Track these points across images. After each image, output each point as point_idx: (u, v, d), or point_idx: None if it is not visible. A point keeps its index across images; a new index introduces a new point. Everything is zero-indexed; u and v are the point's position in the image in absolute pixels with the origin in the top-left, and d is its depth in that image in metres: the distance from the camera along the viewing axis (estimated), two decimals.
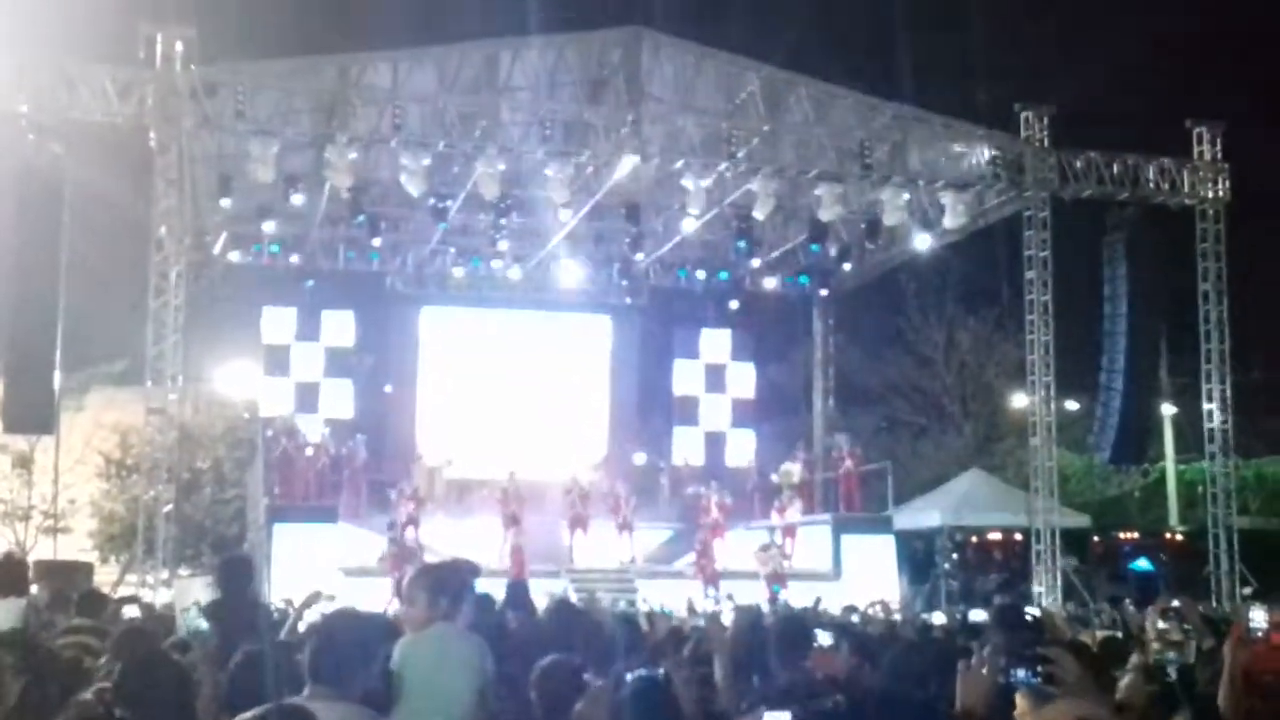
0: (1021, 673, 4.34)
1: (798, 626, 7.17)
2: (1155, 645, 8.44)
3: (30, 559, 25.95)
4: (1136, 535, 33.00)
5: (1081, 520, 29.08)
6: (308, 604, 8.77)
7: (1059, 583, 25.20)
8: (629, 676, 5.40)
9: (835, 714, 5.71)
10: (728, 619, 10.54)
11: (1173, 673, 8.95)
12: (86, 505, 29.79)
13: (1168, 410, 33.98)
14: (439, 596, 6.31)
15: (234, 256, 28.82)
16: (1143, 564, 31.09)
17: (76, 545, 29.19)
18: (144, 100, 21.64)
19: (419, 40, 24.82)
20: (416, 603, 6.35)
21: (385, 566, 23.14)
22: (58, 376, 21.38)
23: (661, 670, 5.66)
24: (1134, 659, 7.82)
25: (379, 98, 23.20)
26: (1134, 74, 40.88)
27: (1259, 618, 10.91)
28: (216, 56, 22.57)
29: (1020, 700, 4.31)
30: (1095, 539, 31.54)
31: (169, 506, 22.34)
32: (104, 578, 25.55)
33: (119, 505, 28.55)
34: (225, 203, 24.54)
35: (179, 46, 21.71)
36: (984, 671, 4.54)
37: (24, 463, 29.27)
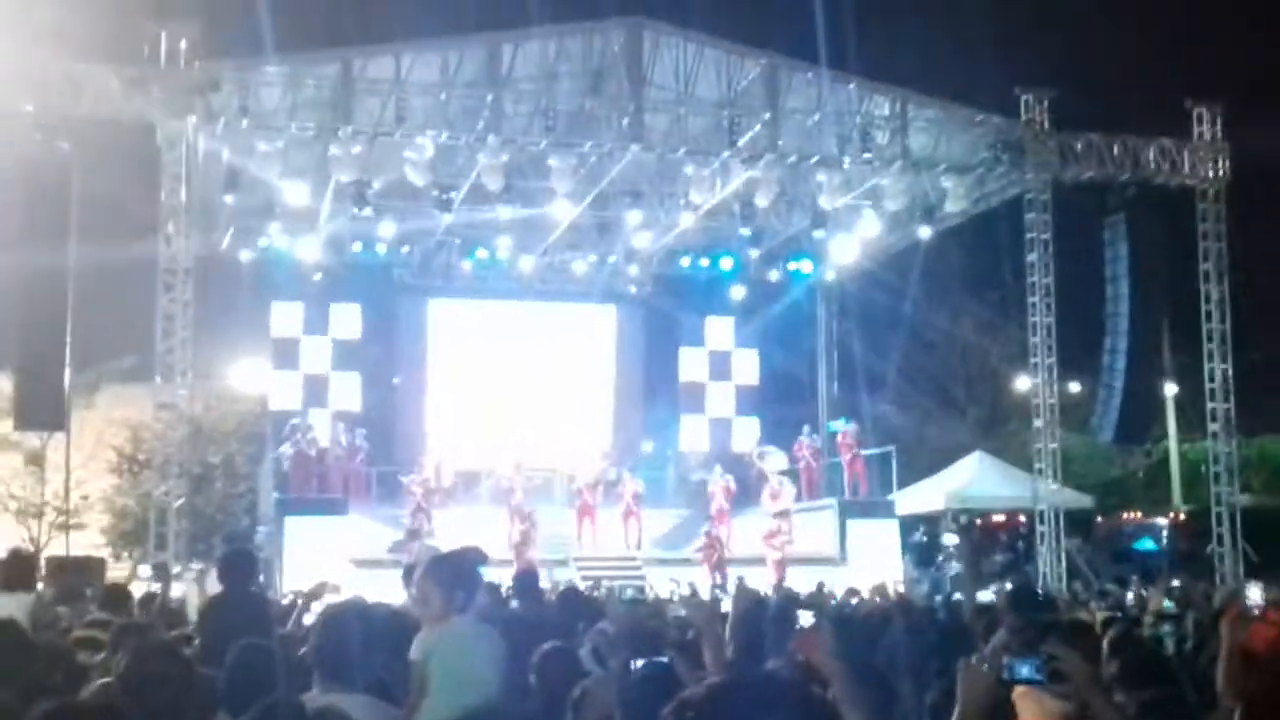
0: (1025, 670, 4.28)
1: (782, 610, 7.33)
2: (1149, 619, 8.62)
3: (44, 555, 26.30)
4: (1140, 515, 33.19)
5: (1085, 501, 29.24)
6: (313, 596, 8.92)
7: (1063, 564, 25.37)
8: (636, 664, 5.51)
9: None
10: (728, 605, 10.71)
11: (1170, 644, 9.16)
12: (99, 501, 30.07)
13: (1170, 390, 34.08)
14: (455, 589, 6.35)
15: (242, 252, 28.99)
16: (1146, 544, 31.28)
17: (90, 541, 29.48)
18: (149, 97, 21.78)
19: (421, 32, 24.83)
20: (432, 597, 6.37)
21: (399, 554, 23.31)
22: (68, 374, 21.55)
23: (667, 658, 5.78)
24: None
25: (382, 90, 23.35)
26: (1133, 55, 40.91)
27: (1255, 595, 11.12)
28: (220, 53, 22.71)
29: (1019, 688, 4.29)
30: (1099, 519, 31.72)
31: (180, 501, 22.53)
32: (117, 573, 25.81)
33: (131, 501, 28.82)
34: (229, 199, 24.72)
35: (183, 43, 21.86)
36: (985, 669, 4.55)
37: (36, 460, 29.58)
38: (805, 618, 6.90)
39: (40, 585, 16.52)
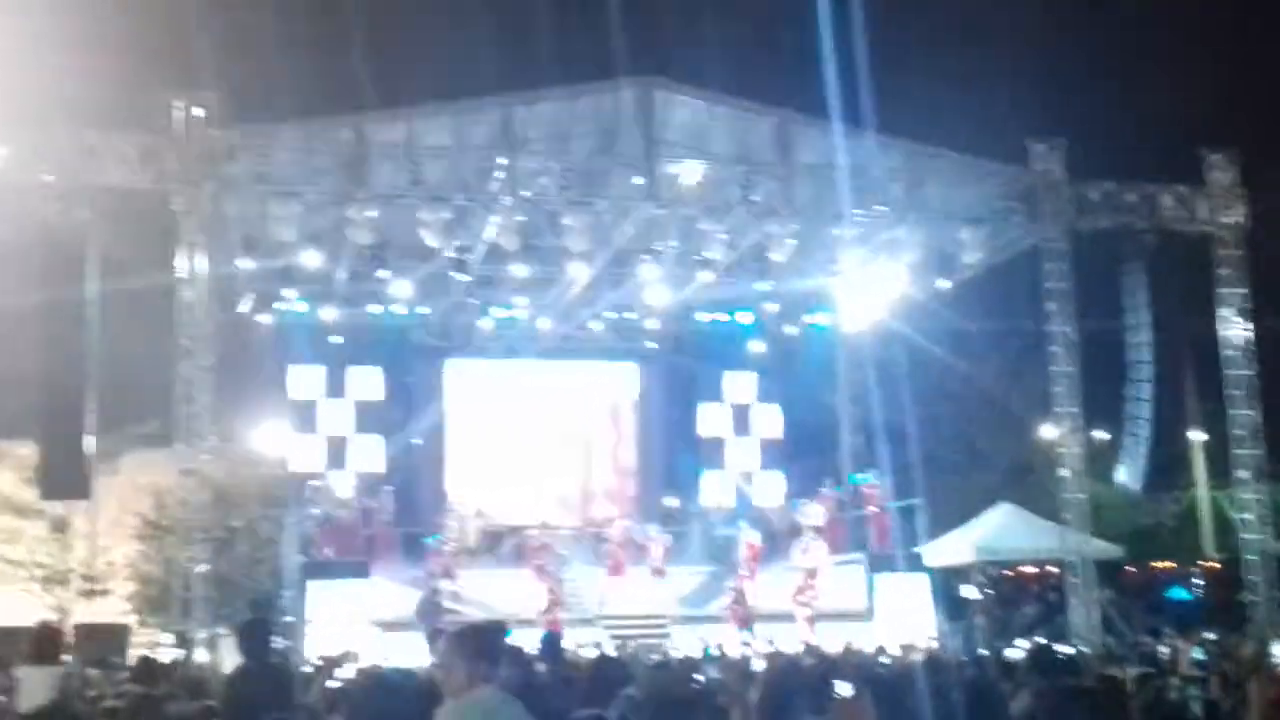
0: None
1: (817, 680, 7.20)
2: (1175, 681, 8.47)
3: (69, 622, 26.24)
4: (1172, 564, 32.80)
5: (1115, 551, 28.90)
6: (334, 665, 8.85)
7: (1096, 616, 25.01)
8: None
9: None
10: (758, 664, 10.55)
11: (1197, 708, 8.97)
12: (124, 568, 30.02)
13: (1197, 437, 33.76)
14: (478, 660, 6.35)
15: (261, 316, 29.09)
16: (1180, 593, 30.88)
17: (114, 608, 29.42)
18: (165, 165, 21.94)
19: (433, 95, 25.01)
20: (456, 669, 6.36)
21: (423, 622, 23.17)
22: (91, 441, 21.58)
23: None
24: None
25: (396, 154, 23.47)
26: (1147, 102, 40.94)
27: None
28: (235, 120, 22.88)
29: None
30: (1130, 569, 31.34)
31: (204, 566, 22.46)
32: (142, 639, 25.74)
33: (155, 566, 28.74)
34: (247, 263, 24.81)
35: (198, 111, 22.05)
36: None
37: (61, 527, 29.62)
38: (843, 687, 6.80)
39: (69, 655, 16.51)
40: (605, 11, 22.21)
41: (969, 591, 27.97)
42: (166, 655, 19.92)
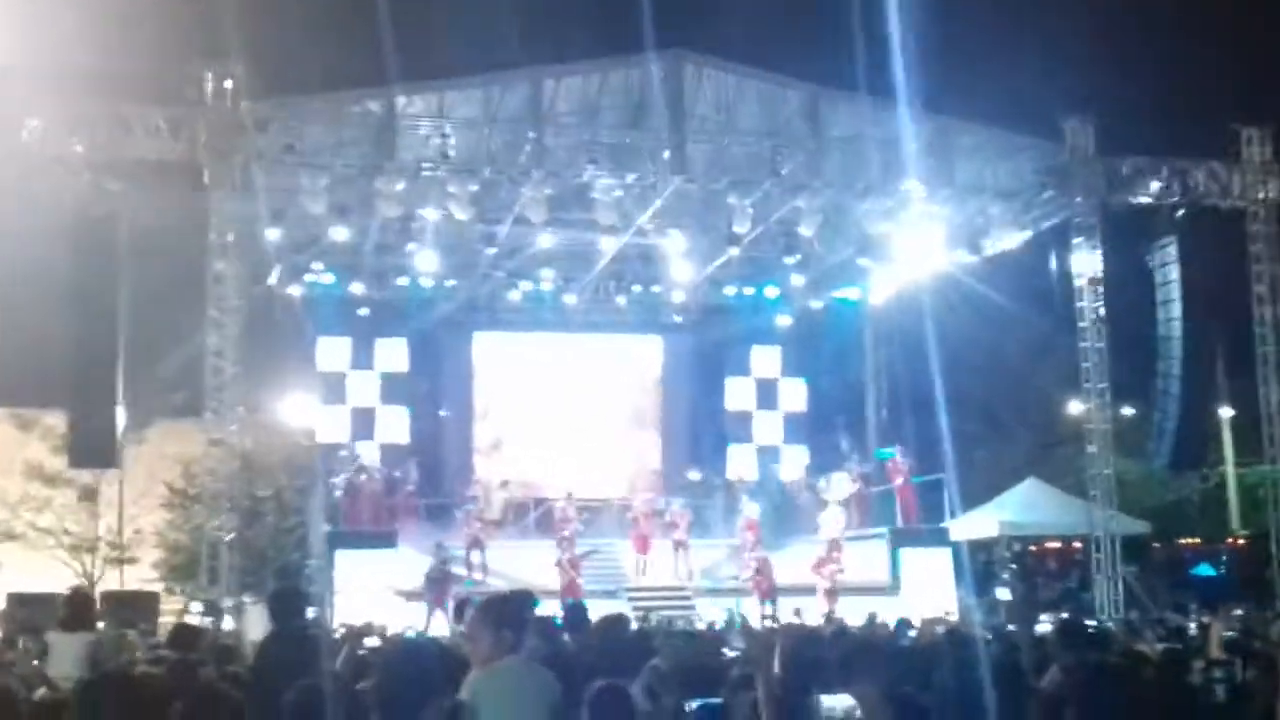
0: None
1: (857, 650, 7.15)
2: (1199, 664, 8.46)
3: (97, 590, 26.49)
4: (1198, 541, 32.67)
5: (1141, 527, 28.80)
6: (361, 634, 8.91)
7: (1120, 591, 24.98)
8: (690, 705, 5.45)
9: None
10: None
11: (1220, 692, 8.96)
12: (151, 536, 30.26)
13: (1226, 414, 33.55)
14: (504, 630, 6.36)
15: (290, 288, 29.20)
16: (1206, 570, 30.77)
17: (142, 575, 29.67)
18: (196, 137, 22.01)
19: (463, 69, 24.99)
20: (482, 639, 6.38)
21: (428, 591, 23.34)
22: (120, 411, 21.74)
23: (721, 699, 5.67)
24: None
25: (425, 126, 23.49)
26: (1180, 78, 40.56)
27: None
28: (265, 92, 22.92)
29: None
30: (1156, 546, 31.21)
31: (231, 535, 22.63)
32: (170, 607, 25.96)
33: (183, 535, 28.96)
34: (274, 235, 24.89)
35: (228, 83, 22.09)
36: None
37: (90, 495, 29.86)
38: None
39: (100, 622, 16.67)
40: None
41: (1000, 567, 27.93)
42: (195, 623, 20.09)
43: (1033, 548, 31.36)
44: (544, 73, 24.40)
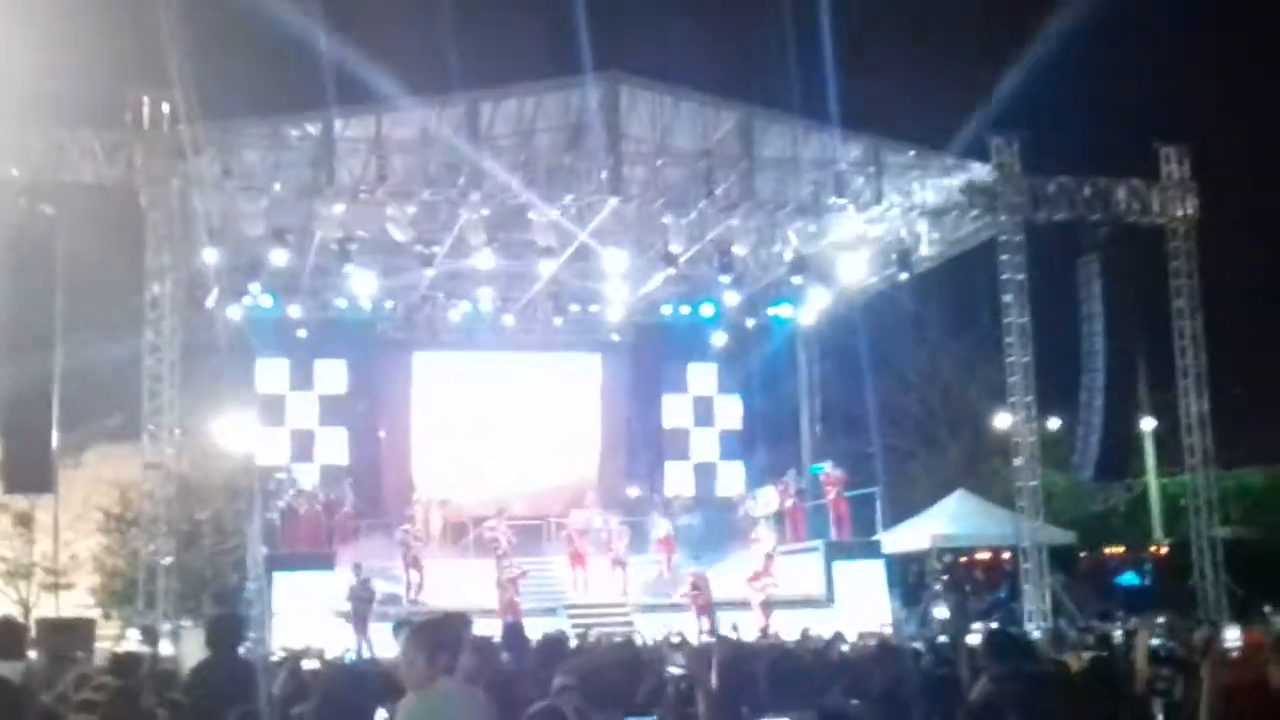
0: None
1: (789, 665, 7.36)
2: (1139, 687, 8.79)
3: (33, 616, 26.24)
4: (1123, 550, 33.37)
5: (1068, 537, 29.42)
6: (298, 657, 9.04)
7: (1048, 601, 25.54)
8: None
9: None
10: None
11: (1158, 706, 9.33)
12: (88, 561, 29.99)
13: (1148, 425, 34.38)
14: (438, 653, 6.31)
15: (227, 310, 29.13)
16: (1130, 578, 31.45)
17: (79, 601, 29.37)
18: (132, 161, 22.04)
19: (400, 91, 25.19)
20: (416, 661, 6.31)
21: (353, 613, 23.41)
22: (55, 435, 21.66)
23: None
24: None
25: (363, 149, 23.64)
26: (1102, 98, 41.48)
27: (1234, 636, 11.34)
28: (203, 115, 22.93)
29: None
30: (1082, 555, 31.87)
31: (169, 559, 22.56)
32: (106, 632, 25.78)
33: (120, 560, 28.76)
34: (210, 256, 24.88)
35: (165, 108, 22.14)
36: None
37: (25, 521, 29.48)
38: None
39: (32, 650, 16.58)
40: (571, 8, 22.41)
41: (931, 579, 28.44)
42: (132, 649, 20.02)
43: (963, 559, 31.92)
44: (481, 95, 24.60)
